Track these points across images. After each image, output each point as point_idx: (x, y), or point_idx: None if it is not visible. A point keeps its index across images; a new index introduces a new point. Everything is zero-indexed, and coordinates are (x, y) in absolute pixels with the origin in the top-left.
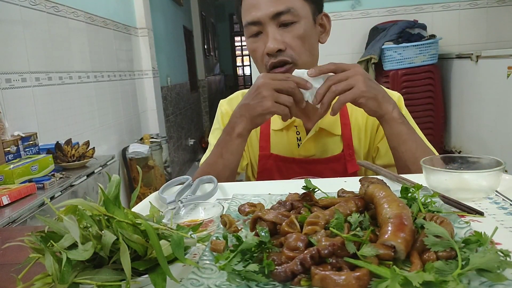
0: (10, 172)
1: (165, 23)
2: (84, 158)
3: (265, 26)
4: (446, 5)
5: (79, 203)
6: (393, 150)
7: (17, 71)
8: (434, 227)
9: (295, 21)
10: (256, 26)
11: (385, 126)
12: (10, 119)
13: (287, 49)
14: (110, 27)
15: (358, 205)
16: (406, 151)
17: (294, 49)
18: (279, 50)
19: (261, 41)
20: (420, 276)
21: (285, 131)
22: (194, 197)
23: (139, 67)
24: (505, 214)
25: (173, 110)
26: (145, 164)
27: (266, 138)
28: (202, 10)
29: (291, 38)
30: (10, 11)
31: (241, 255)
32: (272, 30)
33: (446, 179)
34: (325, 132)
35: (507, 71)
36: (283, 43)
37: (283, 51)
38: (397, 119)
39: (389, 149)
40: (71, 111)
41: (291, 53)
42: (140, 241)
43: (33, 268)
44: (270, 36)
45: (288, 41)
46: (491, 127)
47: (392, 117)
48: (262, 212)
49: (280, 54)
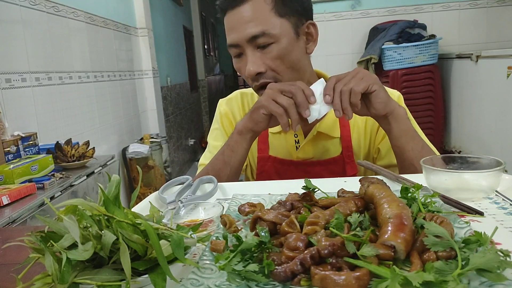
0: (10, 172)
1: (165, 23)
2: (84, 158)
3: (244, 48)
4: (446, 5)
5: (79, 203)
6: (399, 149)
7: (17, 71)
8: (434, 227)
9: (272, 42)
10: (236, 48)
11: (393, 122)
12: (10, 119)
13: (268, 71)
14: (110, 27)
15: (358, 205)
16: (412, 149)
17: (275, 69)
18: (259, 73)
19: (243, 62)
20: (420, 276)
21: (283, 134)
22: (194, 197)
23: (139, 67)
24: (505, 214)
25: (173, 110)
26: (145, 164)
27: (265, 140)
28: (202, 10)
29: (270, 59)
30: (10, 11)
31: (241, 255)
32: (250, 53)
33: (446, 179)
34: (323, 135)
35: (507, 71)
36: (263, 65)
37: (264, 73)
38: (404, 115)
39: (390, 149)
40: (71, 111)
41: (272, 74)
42: (140, 241)
43: (33, 268)
44: (249, 60)
45: (268, 63)
46: (491, 127)
47: (399, 113)
48: (262, 212)
49: (261, 76)
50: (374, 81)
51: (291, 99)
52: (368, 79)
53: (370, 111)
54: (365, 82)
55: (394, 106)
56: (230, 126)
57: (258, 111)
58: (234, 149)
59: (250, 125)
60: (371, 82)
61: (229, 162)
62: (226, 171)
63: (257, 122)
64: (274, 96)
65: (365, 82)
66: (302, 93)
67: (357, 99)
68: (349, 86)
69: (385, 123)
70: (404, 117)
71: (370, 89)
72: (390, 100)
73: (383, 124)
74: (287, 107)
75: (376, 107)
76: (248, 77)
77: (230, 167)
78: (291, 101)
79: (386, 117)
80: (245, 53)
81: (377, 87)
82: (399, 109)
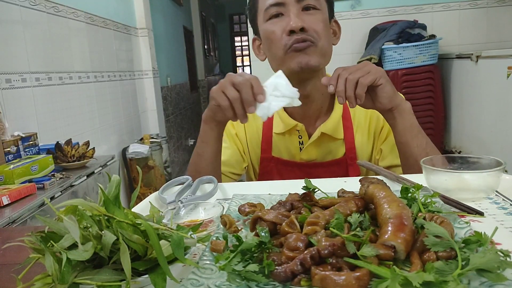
0: (10, 172)
1: (165, 23)
2: (84, 158)
3: (288, 7)
4: (446, 5)
5: (79, 203)
6: (404, 145)
7: (17, 71)
8: (434, 227)
9: (318, 8)
10: (278, 7)
11: (398, 118)
12: (10, 119)
13: (310, 30)
14: (110, 27)
15: (358, 205)
16: (417, 146)
17: (316, 31)
18: (302, 28)
19: (281, 22)
20: (420, 276)
21: (288, 135)
22: (194, 197)
23: (139, 67)
24: (505, 214)
25: (173, 110)
26: (145, 164)
27: (268, 141)
28: (202, 10)
29: (313, 21)
30: (10, 11)
31: (241, 255)
32: (296, 11)
33: (446, 179)
34: (327, 136)
35: (507, 71)
36: (306, 23)
37: (306, 31)
38: (409, 110)
39: (392, 150)
40: (71, 111)
41: (313, 34)
42: (140, 241)
43: (33, 268)
44: (294, 16)
45: (311, 24)
46: (491, 127)
47: (404, 107)
48: (262, 212)
49: (303, 33)
50: (381, 75)
51: (237, 93)
52: (375, 72)
53: (376, 105)
54: (372, 75)
55: (400, 101)
56: (231, 127)
57: (211, 101)
58: (204, 140)
59: (210, 114)
60: (378, 75)
61: (202, 153)
62: (201, 163)
63: (214, 112)
64: (224, 87)
65: (372, 75)
66: (250, 89)
67: (363, 90)
68: (356, 76)
69: (390, 117)
70: (409, 112)
71: (376, 82)
72: (396, 94)
73: (389, 118)
74: (232, 101)
75: (382, 101)
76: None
77: (204, 158)
78: (237, 96)
79: (392, 111)
80: (288, 12)
81: (384, 80)
82: (405, 104)
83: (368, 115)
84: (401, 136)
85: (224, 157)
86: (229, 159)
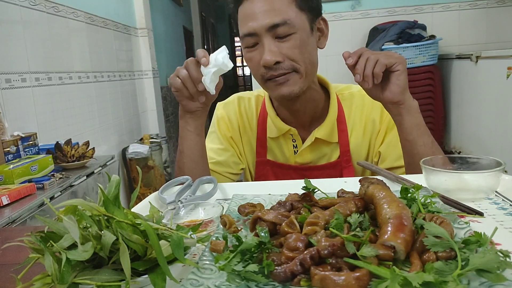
0: (10, 172)
1: (165, 23)
2: (84, 158)
3: (261, 38)
4: (446, 6)
5: (79, 203)
6: (410, 143)
7: (17, 71)
8: (433, 228)
9: (292, 32)
10: (252, 38)
11: (405, 115)
12: (10, 119)
13: (285, 61)
14: (110, 27)
15: (358, 205)
16: (424, 144)
17: (293, 59)
18: (276, 62)
19: (257, 51)
20: (420, 277)
21: (282, 139)
22: (194, 198)
23: (139, 67)
24: (505, 215)
25: (173, 110)
26: (145, 164)
27: (263, 145)
28: (202, 10)
29: (288, 49)
30: (10, 11)
31: (241, 255)
32: (268, 42)
33: (446, 180)
34: (321, 141)
35: (507, 72)
36: (280, 54)
37: (281, 63)
38: (417, 109)
39: (392, 153)
40: (71, 111)
41: (290, 64)
42: (140, 241)
43: (32, 268)
44: (266, 48)
45: (286, 52)
46: (491, 127)
47: (412, 105)
48: (262, 213)
49: (278, 66)
50: (402, 62)
51: (187, 72)
52: (396, 58)
53: (385, 94)
54: (393, 59)
55: (409, 97)
56: (226, 130)
57: (172, 90)
58: (182, 135)
59: (181, 107)
60: (398, 61)
61: (182, 150)
62: (183, 159)
63: (179, 100)
64: (177, 71)
65: (393, 59)
66: (195, 65)
67: (381, 70)
68: (377, 56)
69: (397, 113)
70: (416, 111)
71: (395, 67)
72: (407, 89)
73: (395, 114)
74: (183, 81)
75: (393, 89)
76: (262, 66)
77: (185, 155)
78: (186, 74)
79: (399, 106)
80: (262, 42)
81: (402, 68)
82: (413, 102)
83: (363, 117)
84: (408, 134)
85: (221, 157)
86: (227, 159)
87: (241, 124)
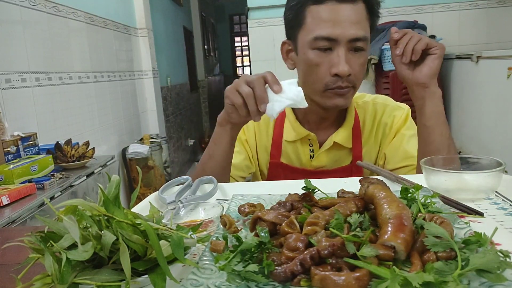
0: (10, 172)
1: (165, 23)
2: (84, 158)
3: (338, 46)
4: (446, 6)
5: (79, 203)
6: (428, 130)
7: (17, 71)
8: (434, 228)
9: (364, 49)
10: (329, 42)
11: (428, 100)
12: (10, 119)
13: (352, 76)
14: (110, 27)
15: (358, 205)
16: (441, 134)
17: (356, 76)
18: (348, 74)
19: (328, 58)
20: (420, 277)
21: (299, 144)
22: (194, 198)
23: (139, 67)
24: (505, 215)
25: (173, 110)
26: (145, 164)
27: (278, 147)
28: (202, 10)
29: (357, 64)
30: (10, 11)
31: (241, 255)
32: (345, 53)
33: (446, 180)
34: (338, 145)
35: (507, 72)
36: (351, 68)
37: (349, 76)
38: (440, 97)
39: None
40: (71, 111)
41: (353, 79)
42: (140, 241)
43: (32, 268)
44: (343, 58)
45: (355, 68)
46: (491, 127)
47: (436, 92)
48: (262, 213)
49: (347, 79)
50: (441, 47)
51: (251, 90)
52: (438, 43)
53: (414, 74)
54: (434, 42)
55: (435, 84)
56: (242, 133)
57: (225, 101)
58: (217, 142)
59: (225, 116)
60: (439, 46)
61: (213, 154)
62: (210, 163)
63: (228, 113)
64: (238, 85)
65: (434, 43)
66: (263, 85)
67: (421, 47)
68: (420, 36)
69: (420, 96)
70: (439, 98)
71: (434, 50)
72: (436, 75)
73: (418, 98)
74: (245, 98)
75: (424, 70)
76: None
77: (214, 160)
78: (250, 92)
79: (424, 88)
80: (337, 51)
81: (440, 53)
82: (437, 89)
83: (375, 124)
84: (427, 120)
85: (235, 160)
86: (240, 163)
87: (256, 126)
